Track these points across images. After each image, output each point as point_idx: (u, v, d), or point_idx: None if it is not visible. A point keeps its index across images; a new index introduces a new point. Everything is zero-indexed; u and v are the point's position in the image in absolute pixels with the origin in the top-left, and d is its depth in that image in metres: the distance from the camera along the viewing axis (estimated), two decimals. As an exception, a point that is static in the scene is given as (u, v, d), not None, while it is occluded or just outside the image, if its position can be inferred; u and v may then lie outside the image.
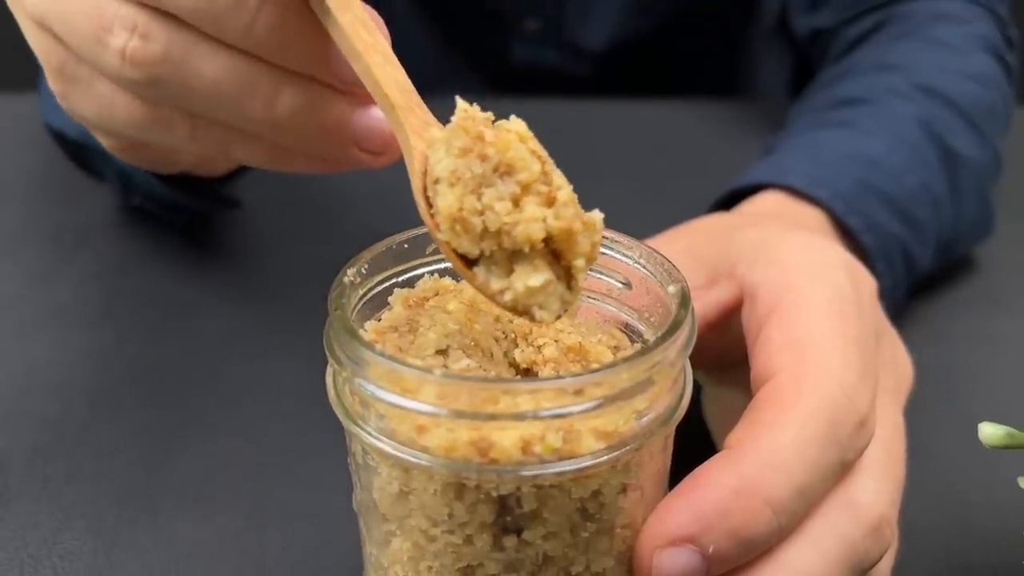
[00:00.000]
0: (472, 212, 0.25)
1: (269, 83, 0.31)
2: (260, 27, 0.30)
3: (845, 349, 0.29)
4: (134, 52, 0.31)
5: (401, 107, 0.28)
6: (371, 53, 0.28)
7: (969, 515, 0.40)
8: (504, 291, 0.25)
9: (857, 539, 0.28)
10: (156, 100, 0.32)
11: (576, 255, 0.25)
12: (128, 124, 0.34)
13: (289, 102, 0.31)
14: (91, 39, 0.31)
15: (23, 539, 0.38)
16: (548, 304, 0.25)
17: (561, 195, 0.25)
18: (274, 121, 0.31)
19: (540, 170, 0.25)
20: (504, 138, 0.25)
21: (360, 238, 0.31)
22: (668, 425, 0.26)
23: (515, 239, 0.25)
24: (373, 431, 0.26)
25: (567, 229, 0.25)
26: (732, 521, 0.26)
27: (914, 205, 0.49)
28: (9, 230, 0.59)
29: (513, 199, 0.25)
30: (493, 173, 0.25)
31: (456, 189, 0.25)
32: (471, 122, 0.25)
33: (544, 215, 0.25)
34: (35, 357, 0.48)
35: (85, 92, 0.34)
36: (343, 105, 0.31)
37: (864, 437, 0.29)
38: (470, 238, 0.25)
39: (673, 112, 0.74)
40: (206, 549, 0.38)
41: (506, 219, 0.25)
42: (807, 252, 0.33)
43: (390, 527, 0.27)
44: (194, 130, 0.33)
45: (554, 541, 0.26)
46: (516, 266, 0.25)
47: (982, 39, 0.60)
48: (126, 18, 0.31)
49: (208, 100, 0.31)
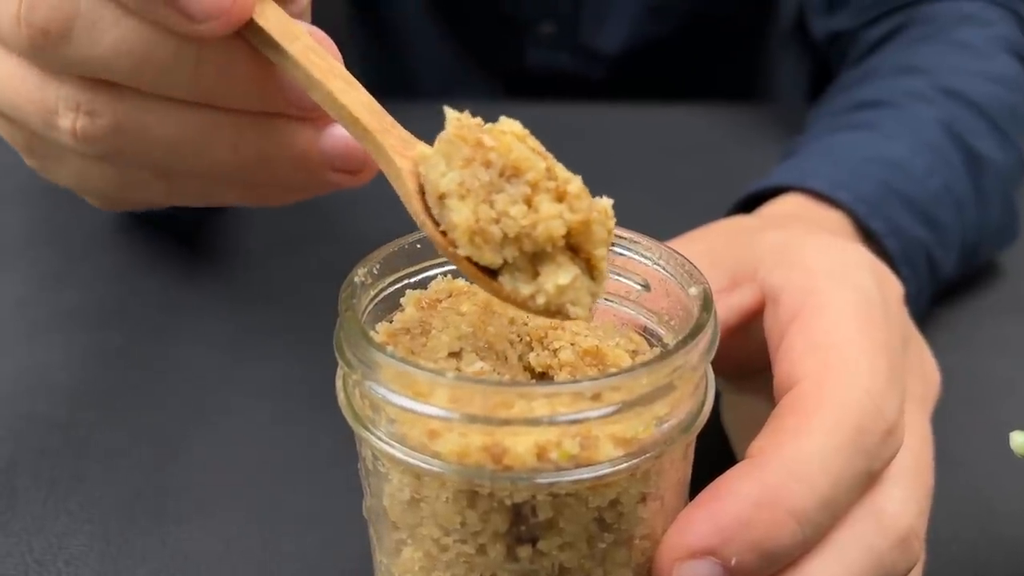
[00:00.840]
0: (488, 221, 0.24)
1: (228, 128, 0.30)
2: (204, 78, 0.29)
3: (872, 354, 0.28)
4: (83, 130, 0.30)
5: (376, 130, 0.27)
6: (330, 79, 0.27)
7: (997, 525, 0.39)
8: (535, 295, 0.25)
9: (884, 551, 0.27)
10: (124, 165, 0.32)
11: (595, 244, 0.25)
12: (106, 187, 0.33)
13: (253, 142, 0.30)
14: (40, 123, 0.31)
15: (29, 544, 0.37)
16: (580, 299, 0.25)
17: (572, 188, 0.24)
18: (242, 164, 0.31)
19: (545, 167, 0.24)
20: (504, 141, 0.24)
21: (369, 240, 0.30)
22: (689, 432, 0.26)
23: (536, 240, 0.24)
24: (384, 436, 0.25)
25: (585, 220, 0.24)
26: (755, 533, 0.25)
27: (937, 208, 0.48)
28: (18, 233, 0.59)
29: (525, 200, 0.24)
30: (500, 178, 0.24)
31: (468, 201, 0.24)
32: (467, 130, 0.25)
33: (560, 211, 0.24)
34: (43, 360, 0.48)
35: (57, 164, 0.33)
36: (308, 132, 0.31)
37: (892, 446, 0.28)
38: (491, 248, 0.24)
39: (689, 116, 0.74)
40: (213, 554, 0.37)
41: (524, 222, 0.24)
42: (831, 254, 0.32)
43: (401, 535, 0.26)
44: (169, 185, 0.33)
45: (570, 552, 0.25)
46: (540, 268, 0.24)
47: (1004, 41, 0.59)
48: (68, 98, 0.30)
49: (172, 157, 0.31)
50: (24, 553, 0.37)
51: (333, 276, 0.28)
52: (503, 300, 0.25)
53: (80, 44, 0.29)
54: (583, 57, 0.80)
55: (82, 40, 0.28)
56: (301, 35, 0.28)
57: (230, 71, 0.29)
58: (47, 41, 0.29)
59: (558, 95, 0.77)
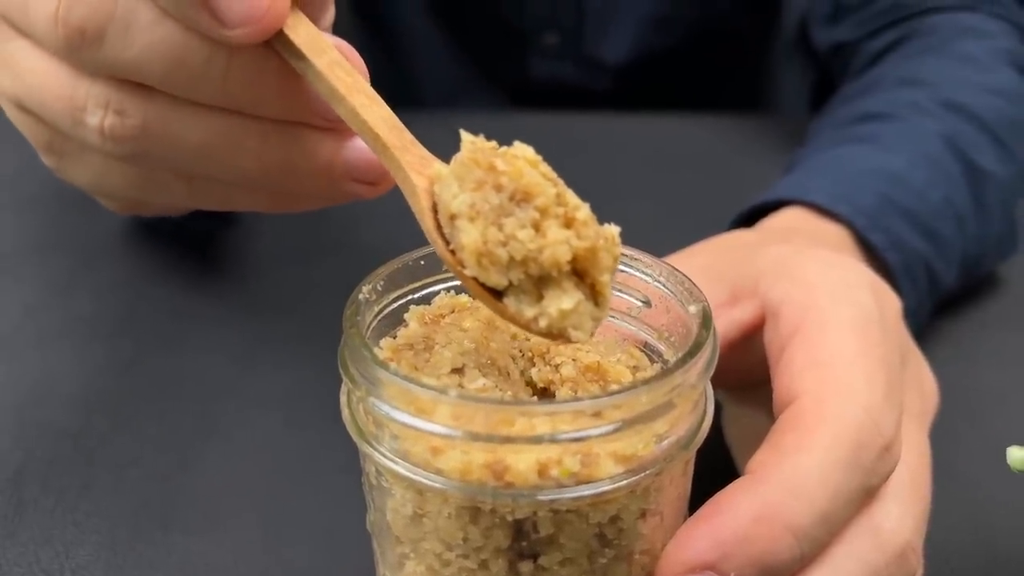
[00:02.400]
0: (496, 244, 0.25)
1: (254, 136, 0.31)
2: (233, 85, 0.29)
3: (870, 371, 0.29)
4: (112, 129, 0.30)
5: (395, 146, 0.27)
6: (354, 94, 0.28)
7: (995, 539, 0.39)
8: (538, 318, 0.25)
9: (881, 567, 0.27)
10: (147, 166, 0.32)
11: (600, 271, 0.25)
12: (124, 189, 0.34)
13: (277, 150, 0.31)
14: (68, 120, 0.31)
15: (36, 554, 0.38)
16: (582, 324, 0.25)
17: (580, 215, 0.25)
18: (266, 171, 0.31)
19: (555, 193, 0.25)
20: (516, 166, 0.25)
21: (378, 252, 0.30)
22: (689, 449, 0.26)
23: (542, 264, 0.25)
24: (387, 452, 0.25)
25: (591, 248, 0.25)
26: (753, 548, 0.25)
27: (937, 221, 0.48)
28: (28, 240, 0.59)
29: (533, 225, 0.25)
30: (510, 202, 0.25)
31: (477, 223, 0.25)
32: (481, 154, 0.25)
33: (567, 237, 0.25)
34: (53, 368, 0.48)
35: (76, 164, 0.34)
36: (330, 143, 0.31)
37: (889, 462, 0.28)
38: (497, 270, 0.25)
39: (693, 126, 0.74)
40: (220, 565, 0.37)
41: (531, 246, 0.24)
42: (831, 271, 0.32)
43: (404, 550, 0.27)
44: (190, 188, 0.33)
45: (571, 567, 0.25)
46: (544, 291, 0.25)
47: (1006, 53, 0.59)
48: (99, 96, 0.30)
49: (197, 161, 0.31)
50: (31, 563, 0.37)
51: (342, 287, 0.29)
52: (507, 319, 0.26)
53: (114, 45, 0.29)
54: (587, 68, 0.80)
55: (117, 41, 0.29)
56: (328, 49, 0.28)
57: (259, 79, 0.30)
58: (83, 41, 0.29)
59: (562, 105, 0.78)
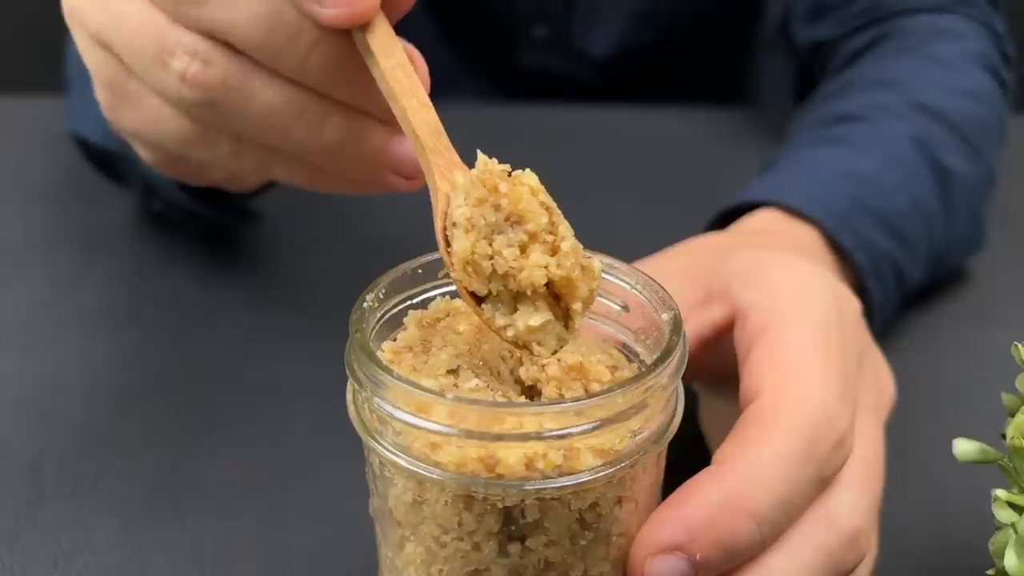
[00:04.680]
0: (483, 256, 0.28)
1: (317, 112, 0.33)
2: (312, 64, 0.32)
3: (826, 371, 0.31)
4: (195, 75, 0.33)
5: (430, 148, 0.30)
6: (407, 97, 0.30)
7: (949, 522, 0.41)
8: (507, 327, 0.28)
9: (834, 549, 0.30)
10: (206, 120, 0.35)
11: (574, 299, 0.28)
12: (172, 139, 0.36)
13: (334, 130, 0.33)
14: (152, 61, 0.33)
15: (56, 537, 0.40)
16: (546, 341, 0.28)
17: (564, 246, 0.27)
18: (319, 146, 0.34)
19: (547, 221, 0.28)
20: (517, 191, 0.28)
21: (381, 246, 0.33)
22: (660, 443, 0.29)
23: (519, 282, 0.27)
24: (390, 446, 0.28)
25: (567, 277, 0.27)
26: (718, 531, 0.28)
27: (906, 222, 0.51)
28: (33, 234, 0.60)
29: (521, 246, 0.27)
30: (505, 222, 0.28)
31: (470, 235, 0.28)
32: (488, 175, 0.28)
33: (547, 263, 0.27)
34: (64, 360, 0.50)
35: (133, 106, 0.36)
36: (382, 134, 0.34)
37: (842, 455, 0.31)
38: (479, 279, 0.28)
39: (677, 119, 0.75)
40: (230, 546, 0.40)
41: (512, 264, 0.27)
42: (795, 277, 0.35)
43: (404, 533, 0.29)
44: (238, 149, 0.35)
45: (555, 548, 0.28)
46: (520, 305, 0.28)
47: (979, 56, 0.61)
48: (188, 44, 0.33)
49: (257, 124, 0.34)
50: (52, 545, 0.40)
51: (346, 279, 0.31)
52: (483, 322, 0.29)
53: (216, 6, 0.32)
54: (574, 60, 0.82)
55: (219, 3, 0.32)
56: (396, 53, 0.31)
57: (335, 63, 0.32)
58: None
59: (549, 96, 0.80)
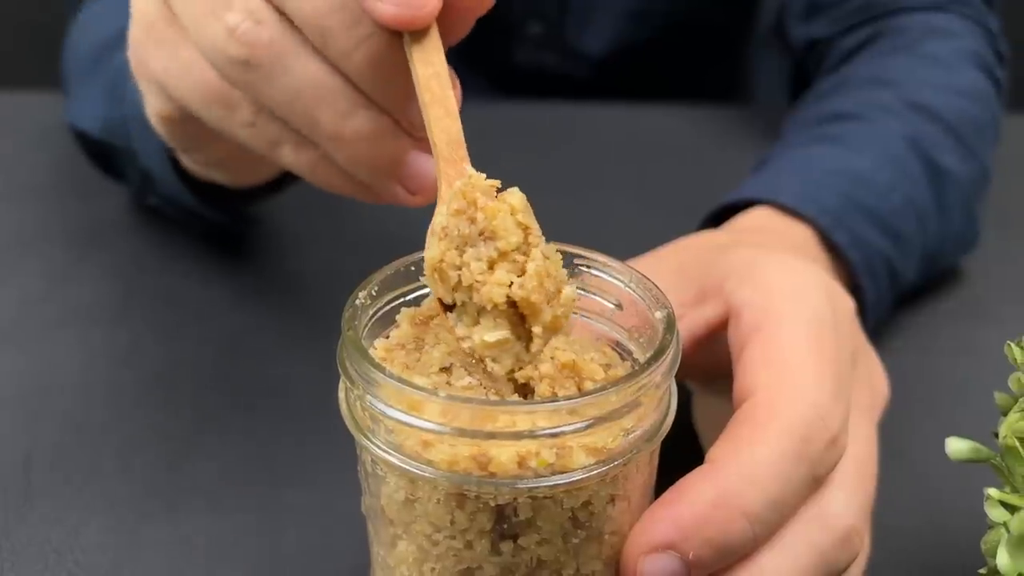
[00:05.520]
0: (451, 266, 0.28)
1: (347, 102, 0.33)
2: (359, 55, 0.32)
3: (819, 371, 0.31)
4: (245, 32, 0.33)
5: (444, 158, 0.31)
6: (435, 105, 0.31)
7: (942, 521, 0.41)
8: (465, 338, 0.28)
9: (827, 547, 0.30)
10: (236, 80, 0.34)
11: (536, 322, 0.28)
12: (194, 92, 0.36)
13: (359, 124, 0.33)
14: (206, 10, 0.34)
15: (47, 535, 0.40)
16: (501, 359, 0.28)
17: (529, 268, 0.28)
18: (338, 136, 0.34)
19: (520, 241, 0.28)
20: (494, 207, 0.28)
21: (376, 243, 0.33)
22: (653, 441, 0.29)
23: (481, 296, 0.28)
24: (382, 444, 0.28)
25: (526, 299, 0.28)
26: (710, 530, 0.28)
27: (899, 220, 0.51)
28: (27, 229, 0.60)
29: (489, 262, 0.28)
30: (479, 236, 0.28)
31: (442, 244, 0.28)
32: (471, 188, 0.28)
33: (508, 281, 0.27)
34: (55, 357, 0.50)
35: (166, 51, 0.36)
36: (404, 143, 0.34)
37: (835, 453, 0.31)
38: (445, 287, 0.28)
39: (672, 116, 0.76)
40: (222, 544, 0.40)
41: (478, 278, 0.28)
42: (789, 275, 0.35)
43: (396, 531, 0.29)
44: (255, 118, 0.35)
45: (547, 547, 0.28)
46: (482, 319, 0.28)
47: (973, 55, 0.62)
48: (247, 3, 0.33)
49: (286, 97, 0.34)
50: (43, 543, 0.39)
51: (338, 277, 0.31)
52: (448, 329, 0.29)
53: None
54: (569, 57, 0.82)
55: None
56: (436, 64, 0.32)
57: (379, 61, 0.32)
58: None
59: (544, 93, 0.80)
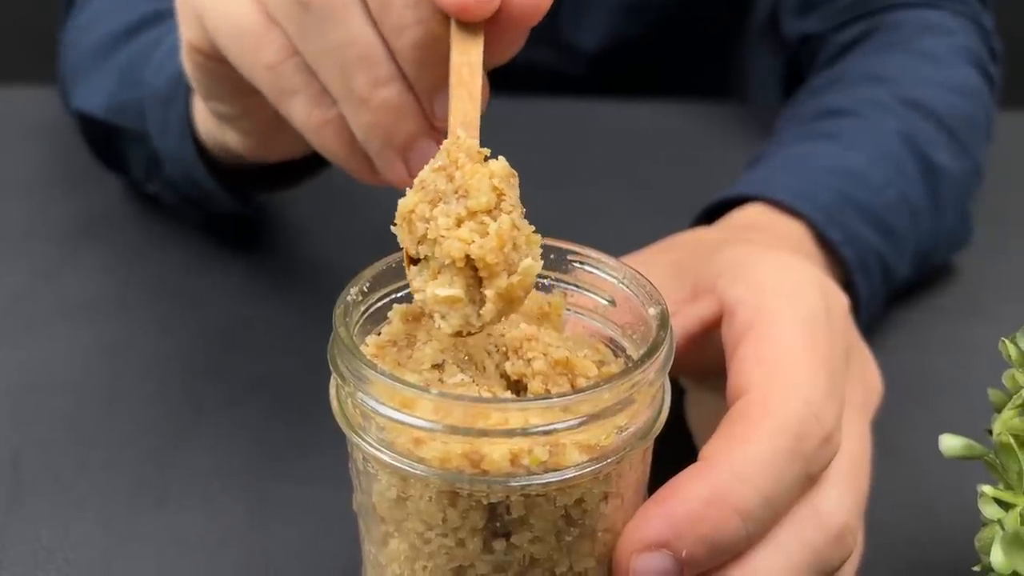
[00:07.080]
0: (420, 217, 0.28)
1: (384, 72, 0.34)
2: (410, 34, 0.33)
3: (813, 368, 0.31)
4: None
5: None
6: (460, 87, 0.31)
7: (936, 518, 0.42)
8: (419, 291, 0.29)
9: (820, 545, 0.30)
10: (287, 18, 0.34)
11: (491, 285, 0.28)
12: (227, 21, 0.36)
13: (389, 95, 0.34)
14: None
15: (36, 532, 0.40)
16: (449, 317, 0.28)
17: (491, 229, 0.28)
18: (366, 101, 0.34)
19: (491, 203, 0.28)
20: (474, 168, 0.28)
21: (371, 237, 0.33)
22: (647, 439, 0.29)
23: (441, 250, 0.28)
24: (373, 442, 0.28)
25: (483, 259, 0.28)
26: (703, 528, 0.28)
27: (893, 217, 0.51)
28: (17, 224, 0.60)
29: (457, 219, 0.28)
30: (453, 194, 0.28)
31: (417, 195, 0.29)
32: (455, 147, 0.29)
33: (469, 239, 0.28)
34: (45, 352, 0.49)
35: None
36: (423, 126, 0.35)
37: (829, 451, 0.31)
38: (411, 239, 0.29)
39: (665, 113, 0.76)
40: (213, 540, 0.40)
41: (443, 232, 0.28)
42: (783, 273, 0.35)
43: (388, 529, 0.29)
44: (283, 60, 0.35)
45: (540, 544, 0.28)
46: (440, 275, 0.28)
47: (967, 51, 0.62)
48: None
49: (330, 47, 0.34)
50: (33, 540, 0.39)
51: (331, 270, 0.31)
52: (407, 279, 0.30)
53: None
54: (562, 53, 0.82)
55: None
56: (472, 56, 0.32)
57: (428, 45, 0.33)
58: None
59: (538, 89, 0.79)
